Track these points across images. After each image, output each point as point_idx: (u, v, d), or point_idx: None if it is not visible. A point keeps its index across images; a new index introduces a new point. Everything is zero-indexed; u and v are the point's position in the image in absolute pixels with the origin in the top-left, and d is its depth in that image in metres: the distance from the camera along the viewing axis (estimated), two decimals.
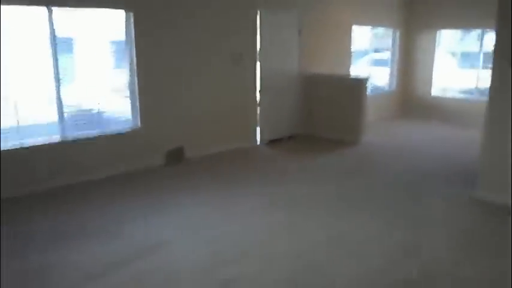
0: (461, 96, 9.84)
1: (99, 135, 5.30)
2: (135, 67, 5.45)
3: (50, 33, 4.74)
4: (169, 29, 5.67)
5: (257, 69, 6.85)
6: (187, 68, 5.98)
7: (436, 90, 10.10)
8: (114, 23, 5.31)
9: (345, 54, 8.63)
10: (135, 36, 5.36)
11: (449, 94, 10.02)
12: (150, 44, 5.52)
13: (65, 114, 5.03)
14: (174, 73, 5.84)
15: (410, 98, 10.43)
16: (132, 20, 5.32)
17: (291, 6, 7.20)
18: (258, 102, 7.03)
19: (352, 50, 8.74)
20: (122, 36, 5.37)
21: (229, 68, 6.47)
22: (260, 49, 6.77)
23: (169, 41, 5.70)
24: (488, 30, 9.09)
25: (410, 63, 10.37)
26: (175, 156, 5.99)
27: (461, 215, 4.39)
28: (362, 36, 9.16)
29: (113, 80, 5.46)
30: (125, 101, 5.56)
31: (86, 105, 5.22)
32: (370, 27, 9.28)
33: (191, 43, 5.93)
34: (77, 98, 5.15)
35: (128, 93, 5.54)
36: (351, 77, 8.22)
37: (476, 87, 9.56)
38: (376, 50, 9.95)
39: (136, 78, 5.49)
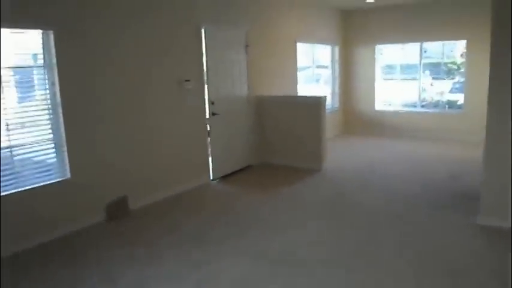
0: (406, 109, 9.67)
1: (13, 193, 3.97)
2: (59, 99, 4.23)
3: None
4: (100, 52, 4.53)
5: (205, 94, 5.89)
6: (125, 99, 4.85)
7: (379, 105, 9.85)
8: (24, 45, 4.08)
9: (292, 72, 7.98)
10: (57, 62, 4.16)
11: (393, 108, 9.81)
12: (76, 70, 4.34)
13: None
14: (108, 105, 4.68)
15: (354, 114, 10.09)
16: (52, 42, 4.12)
17: (237, 22, 6.39)
18: (208, 132, 6.05)
19: (297, 67, 8.12)
20: (31, 62, 4.15)
21: (174, 95, 5.44)
22: (207, 71, 5.83)
23: (99, 66, 4.56)
24: (426, 42, 9.05)
25: (351, 79, 10.06)
26: (119, 209, 4.79)
27: (480, 250, 3.76)
28: (305, 53, 8.61)
29: (24, 116, 4.15)
30: (47, 144, 4.29)
31: None
32: (311, 44, 8.78)
33: (128, 68, 4.84)
34: None
35: (49, 132, 4.28)
36: (306, 96, 7.57)
37: (420, 99, 9.44)
38: (318, 67, 9.50)
39: (60, 114, 4.27)
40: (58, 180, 4.32)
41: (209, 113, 5.96)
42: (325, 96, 6.90)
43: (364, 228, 4.27)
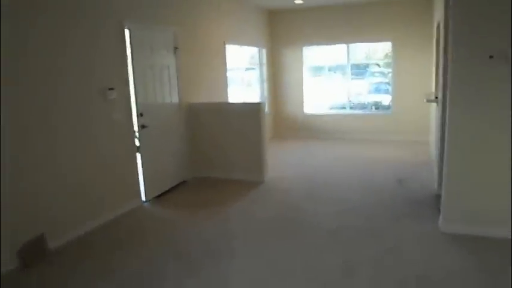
0: (335, 111, 9.56)
1: None
2: None
3: None
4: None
5: (132, 104, 5.09)
6: (34, 112, 3.91)
7: (308, 108, 9.64)
8: None
9: (222, 76, 7.40)
10: None
11: (322, 110, 9.67)
12: None
13: None
14: (14, 123, 3.72)
15: (284, 117, 9.80)
16: None
17: (164, 21, 5.65)
18: (136, 147, 5.26)
19: (227, 71, 7.56)
20: None
21: (95, 107, 4.57)
22: (134, 77, 5.03)
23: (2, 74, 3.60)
24: (352, 44, 9.02)
25: (279, 82, 9.74)
26: (35, 251, 3.85)
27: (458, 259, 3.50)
28: (233, 55, 8.08)
29: None
30: None
31: None
32: (240, 45, 8.28)
33: (37, 74, 3.90)
34: None
35: None
36: (244, 103, 7.03)
37: (348, 100, 9.39)
38: (247, 70, 9.05)
39: None
40: None
41: (138, 126, 5.16)
42: (264, 102, 6.43)
43: (330, 248, 3.83)
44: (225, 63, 7.43)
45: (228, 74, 7.56)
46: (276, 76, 9.72)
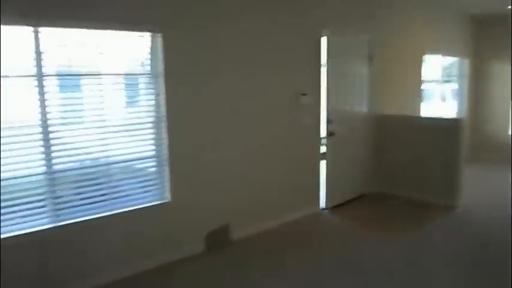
0: None
1: (112, 214, 3.50)
2: (163, 113, 3.72)
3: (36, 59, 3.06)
4: (210, 59, 3.96)
5: (321, 111, 5.10)
6: (234, 115, 4.23)
7: None
8: (127, 50, 3.61)
9: (416, 89, 6.89)
10: (165, 67, 3.65)
11: None
12: (183, 80, 3.81)
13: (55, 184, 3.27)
14: (214, 122, 4.09)
15: (483, 137, 8.61)
16: (159, 47, 3.63)
17: (361, 30, 5.52)
18: (321, 154, 5.24)
19: (423, 83, 7.01)
20: (135, 69, 3.67)
21: (287, 112, 4.72)
22: (327, 84, 5.03)
23: (208, 76, 3.98)
24: None
25: (480, 97, 8.61)
26: (219, 239, 4.17)
27: None
28: (427, 67, 7.45)
29: (123, 130, 3.66)
30: (148, 162, 3.79)
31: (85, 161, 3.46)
32: (439, 56, 7.60)
33: (236, 82, 4.21)
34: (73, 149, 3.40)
35: (152, 149, 3.77)
36: (440, 118, 6.43)
37: None
38: (442, 83, 8.26)
39: (164, 129, 3.75)
40: (157, 203, 3.79)
41: (325, 133, 5.15)
42: (464, 119, 5.74)
43: None
44: (420, 75, 6.90)
45: (423, 86, 7.01)
46: (478, 90, 8.62)
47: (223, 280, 3.51)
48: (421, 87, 6.95)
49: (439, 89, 8.28)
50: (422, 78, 6.93)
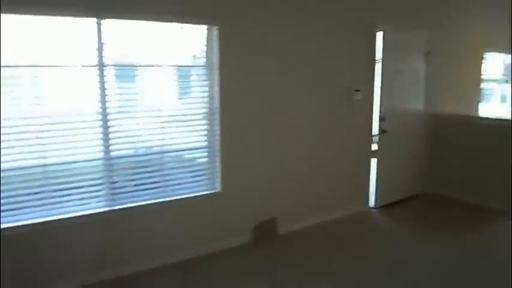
0: None
1: (164, 201, 3.60)
2: (217, 105, 3.77)
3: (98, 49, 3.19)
4: (264, 51, 3.97)
5: (373, 108, 4.98)
6: (287, 108, 4.22)
7: None
8: (183, 42, 3.67)
9: (475, 88, 6.58)
10: (220, 60, 3.70)
11: None
12: (238, 72, 3.84)
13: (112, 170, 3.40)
14: (266, 115, 4.09)
15: None
16: (215, 39, 3.67)
17: (417, 24, 5.33)
18: (373, 152, 5.13)
19: (482, 82, 6.68)
20: (189, 61, 3.72)
21: (339, 106, 4.65)
22: (381, 80, 4.91)
23: (262, 69, 3.99)
24: None
25: None
26: (266, 232, 4.19)
27: None
28: (493, 65, 7.09)
29: (178, 120, 3.74)
30: (200, 152, 3.85)
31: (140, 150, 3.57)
32: (499, 53, 7.20)
33: (287, 76, 4.18)
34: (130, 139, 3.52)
35: (204, 140, 3.84)
36: (501, 118, 6.09)
37: None
38: (503, 82, 7.83)
39: (216, 121, 3.80)
40: (207, 193, 3.86)
41: (378, 130, 5.03)
42: None
43: None
44: (480, 73, 6.58)
45: (482, 85, 6.68)
46: None
47: (267, 274, 3.51)
48: (481, 86, 6.62)
49: (500, 89, 7.87)
50: (482, 77, 6.60)
